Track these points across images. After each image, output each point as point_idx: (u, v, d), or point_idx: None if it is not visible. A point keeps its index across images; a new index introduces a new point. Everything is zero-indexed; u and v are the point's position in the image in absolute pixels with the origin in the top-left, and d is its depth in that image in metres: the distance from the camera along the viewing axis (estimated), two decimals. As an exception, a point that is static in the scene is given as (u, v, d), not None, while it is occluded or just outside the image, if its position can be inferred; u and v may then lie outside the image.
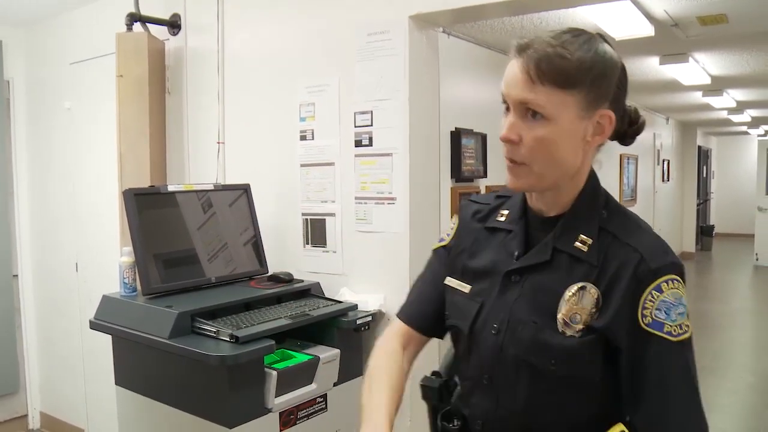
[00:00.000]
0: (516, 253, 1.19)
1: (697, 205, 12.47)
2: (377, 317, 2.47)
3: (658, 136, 9.86)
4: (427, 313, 1.35)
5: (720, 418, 4.33)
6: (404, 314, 1.38)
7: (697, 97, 7.57)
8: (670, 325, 1.06)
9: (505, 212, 1.25)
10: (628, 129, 1.19)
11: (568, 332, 1.10)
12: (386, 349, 1.34)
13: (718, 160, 15.42)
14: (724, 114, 9.58)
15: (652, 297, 1.06)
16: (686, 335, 1.08)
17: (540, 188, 1.16)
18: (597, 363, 1.10)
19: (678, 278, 1.08)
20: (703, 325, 7.08)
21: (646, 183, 9.35)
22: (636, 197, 8.84)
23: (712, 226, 13.41)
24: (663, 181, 10.39)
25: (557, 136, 1.07)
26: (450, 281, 1.29)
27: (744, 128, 12.77)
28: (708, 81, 6.15)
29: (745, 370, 5.46)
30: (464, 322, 1.24)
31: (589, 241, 1.12)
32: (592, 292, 1.09)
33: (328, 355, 2.27)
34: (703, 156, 13.40)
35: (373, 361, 1.33)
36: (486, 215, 1.28)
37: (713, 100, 7.68)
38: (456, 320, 1.27)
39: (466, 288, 1.25)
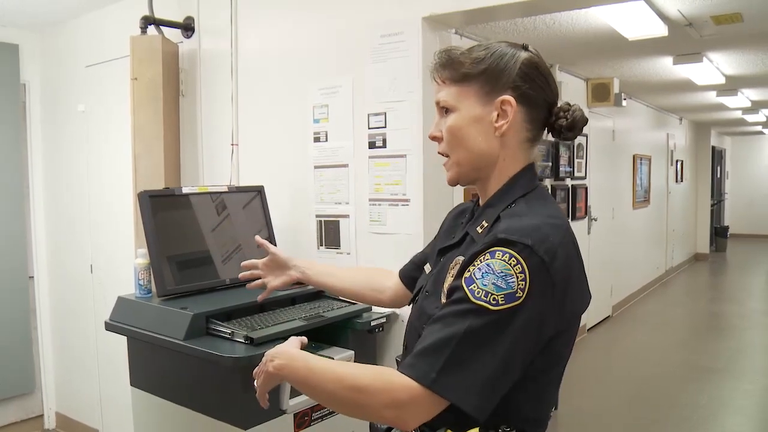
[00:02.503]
0: (453, 237, 1.33)
1: (711, 205, 12.37)
2: (391, 319, 2.46)
3: (671, 136, 9.80)
4: (409, 270, 1.60)
5: (736, 420, 4.30)
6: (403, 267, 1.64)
7: (711, 96, 7.53)
8: (478, 287, 1.06)
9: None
10: (559, 122, 1.25)
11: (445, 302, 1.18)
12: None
13: (732, 160, 15.29)
14: (738, 114, 9.51)
15: (482, 258, 1.09)
16: (486, 304, 1.05)
17: (465, 177, 1.27)
18: None
19: (520, 260, 1.06)
20: (718, 326, 7.04)
21: (659, 184, 9.30)
22: (649, 198, 8.80)
23: (727, 227, 13.30)
24: (677, 181, 10.32)
25: (462, 122, 1.23)
26: (425, 267, 1.44)
27: (759, 128, 12.66)
28: (722, 81, 6.11)
29: (761, 372, 5.41)
30: (412, 296, 1.41)
31: (486, 225, 1.21)
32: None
33: (342, 356, 2.27)
34: (717, 156, 13.30)
35: None
36: (464, 212, 1.41)
37: (727, 100, 7.63)
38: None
39: (428, 270, 1.40)
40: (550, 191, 5.59)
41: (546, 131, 1.29)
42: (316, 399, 1.20)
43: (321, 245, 2.72)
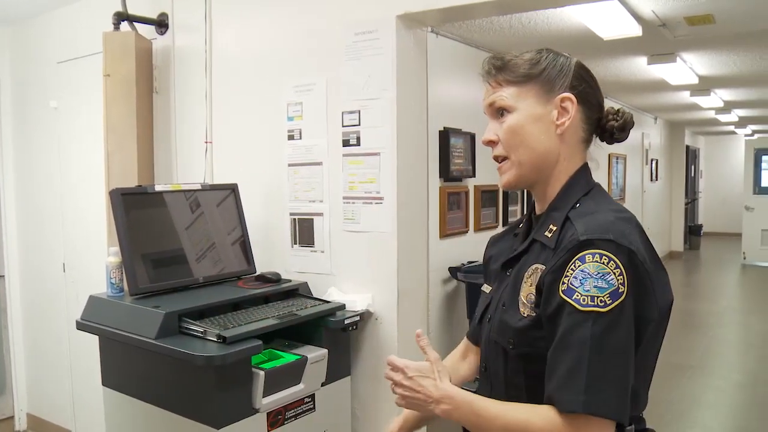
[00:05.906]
0: (515, 249, 1.30)
1: (686, 204, 12.54)
2: (365, 317, 2.46)
3: (646, 135, 9.91)
4: (476, 330, 1.44)
5: (708, 416, 4.36)
6: (468, 330, 1.54)
7: (685, 96, 7.62)
8: (581, 294, 1.07)
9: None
10: (610, 123, 1.28)
11: (526, 312, 1.18)
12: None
13: (706, 160, 15.51)
14: (711, 114, 9.64)
15: (574, 266, 1.09)
16: (596, 308, 1.06)
17: (525, 178, 1.26)
18: (548, 339, 1.12)
19: (611, 256, 1.07)
20: (691, 323, 7.13)
21: (634, 182, 9.40)
22: (624, 197, 8.89)
23: (700, 226, 13.48)
24: (651, 180, 10.44)
25: (522, 120, 1.23)
26: (483, 287, 1.42)
27: (731, 128, 12.86)
28: (695, 81, 6.19)
29: (732, 369, 5.50)
30: (478, 317, 1.38)
31: (555, 228, 1.20)
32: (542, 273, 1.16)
33: (315, 355, 2.26)
34: (691, 155, 13.48)
35: None
36: (510, 231, 1.42)
37: (701, 100, 7.73)
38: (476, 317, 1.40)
39: (488, 289, 1.38)
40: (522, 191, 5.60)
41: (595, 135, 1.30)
42: None
43: (295, 243, 2.71)
